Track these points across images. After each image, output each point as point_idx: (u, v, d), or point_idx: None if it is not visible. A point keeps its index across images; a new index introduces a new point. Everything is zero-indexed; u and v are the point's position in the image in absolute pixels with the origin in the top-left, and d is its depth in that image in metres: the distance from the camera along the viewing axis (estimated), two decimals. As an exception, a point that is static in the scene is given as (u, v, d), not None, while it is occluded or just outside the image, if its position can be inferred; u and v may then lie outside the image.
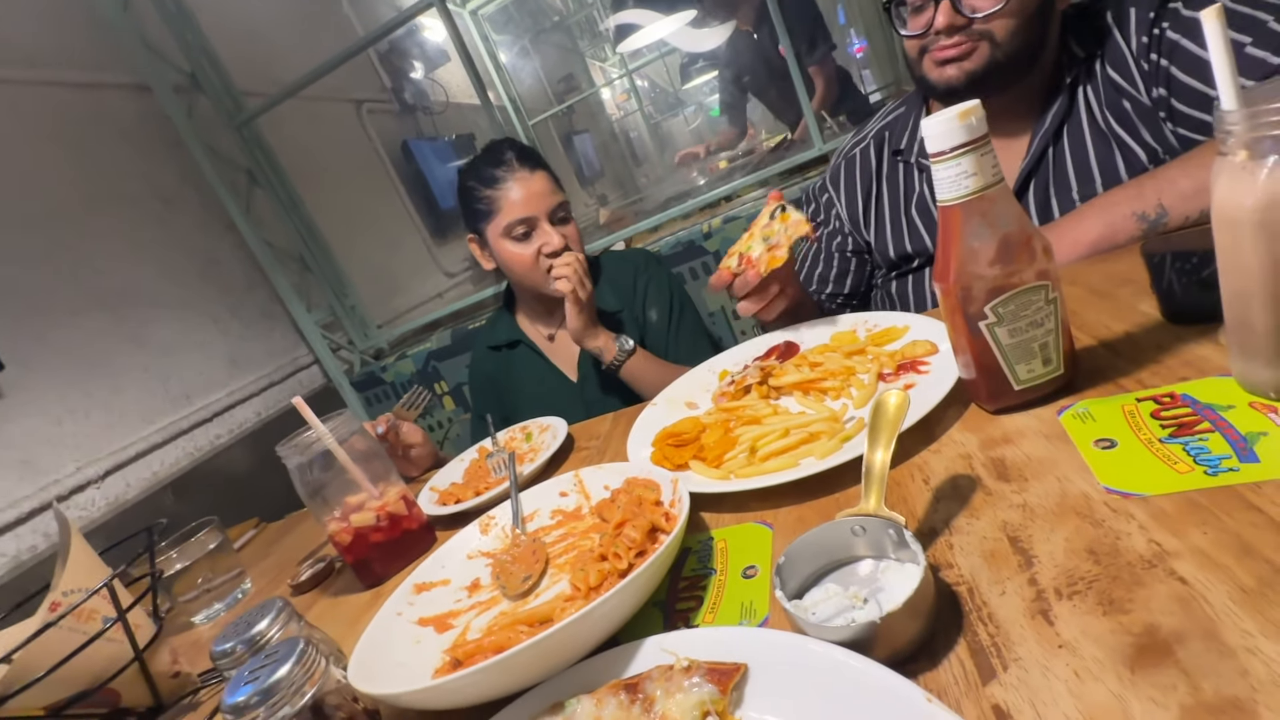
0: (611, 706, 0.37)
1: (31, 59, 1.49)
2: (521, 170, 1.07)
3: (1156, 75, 0.76)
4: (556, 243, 1.06)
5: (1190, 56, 0.73)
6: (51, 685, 0.54)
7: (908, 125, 0.97)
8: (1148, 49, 0.76)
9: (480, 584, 0.60)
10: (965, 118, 0.45)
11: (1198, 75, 0.73)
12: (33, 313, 1.34)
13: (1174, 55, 0.74)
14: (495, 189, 1.06)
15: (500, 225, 1.07)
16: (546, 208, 1.07)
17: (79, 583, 0.59)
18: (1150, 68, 0.76)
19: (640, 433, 0.74)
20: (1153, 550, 0.34)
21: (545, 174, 1.09)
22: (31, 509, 1.21)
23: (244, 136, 1.91)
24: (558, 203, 1.08)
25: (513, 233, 1.07)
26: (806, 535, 0.42)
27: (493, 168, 1.07)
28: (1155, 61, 0.76)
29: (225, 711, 0.42)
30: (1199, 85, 0.73)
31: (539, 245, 1.07)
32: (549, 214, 1.07)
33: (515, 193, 1.05)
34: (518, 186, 1.06)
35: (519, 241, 1.07)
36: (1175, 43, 0.74)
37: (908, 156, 0.96)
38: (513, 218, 1.06)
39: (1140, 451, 0.41)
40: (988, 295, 0.49)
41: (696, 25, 2.58)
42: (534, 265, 1.07)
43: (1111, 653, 0.30)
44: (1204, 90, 0.72)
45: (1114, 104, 0.80)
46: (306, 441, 0.70)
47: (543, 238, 1.07)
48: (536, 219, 1.06)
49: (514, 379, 1.22)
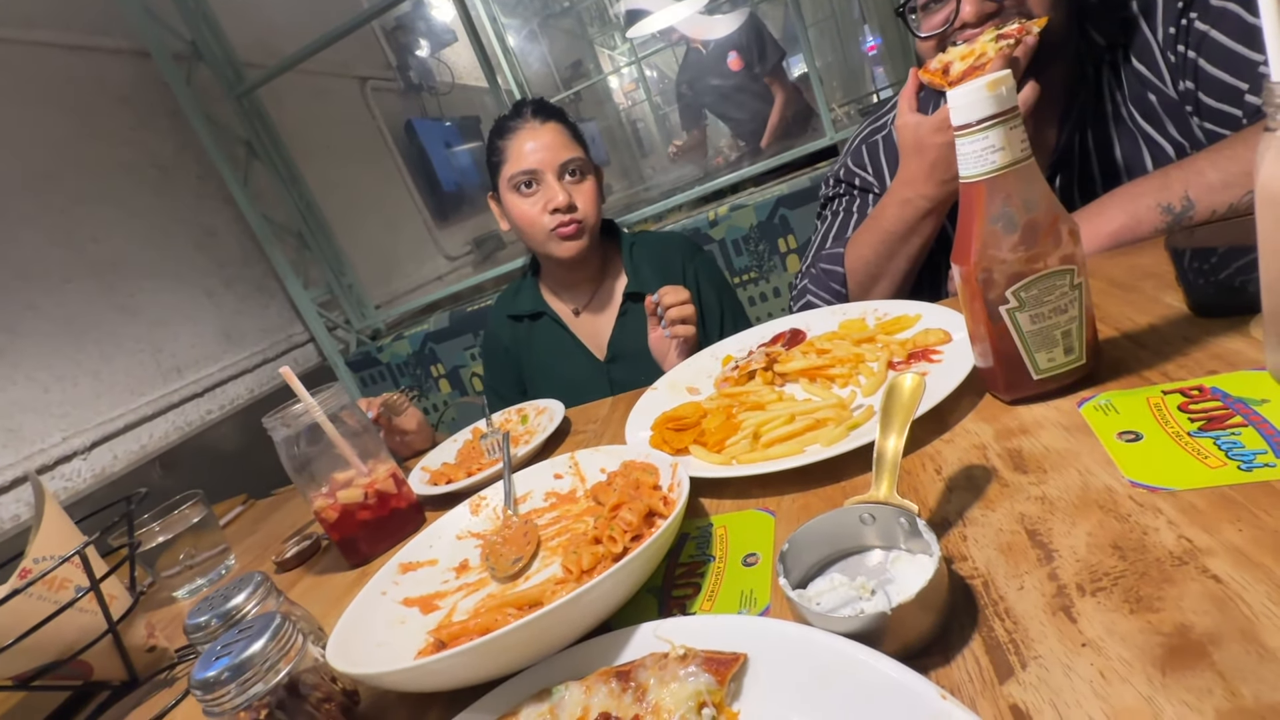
0: (601, 694, 0.35)
1: (28, 19, 1.46)
2: (533, 121, 1.03)
3: (1184, 68, 0.73)
4: (560, 200, 1.00)
5: (1219, 48, 0.70)
6: (19, 654, 0.52)
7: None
8: (1175, 40, 0.74)
9: (469, 565, 0.58)
10: (994, 88, 0.43)
11: (1226, 68, 0.70)
12: (22, 278, 1.32)
13: (1202, 47, 0.71)
14: (505, 139, 1.04)
15: (506, 176, 1.03)
16: (554, 160, 1.01)
17: (51, 550, 0.56)
18: (1177, 60, 0.74)
19: (639, 416, 0.72)
20: (1183, 547, 0.32)
21: (558, 125, 1.04)
22: (15, 478, 1.19)
23: (244, 107, 1.88)
24: (569, 157, 1.02)
25: (516, 184, 1.02)
26: (812, 522, 0.40)
27: (509, 119, 1.05)
28: (1183, 54, 0.73)
29: (194, 687, 0.40)
30: (1228, 78, 0.70)
31: (545, 200, 1.02)
32: (558, 167, 1.02)
33: (522, 143, 1.02)
34: (525, 136, 1.02)
35: (522, 195, 1.03)
36: (1204, 34, 0.71)
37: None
38: (517, 168, 1.01)
39: (1168, 445, 0.39)
40: (1010, 279, 0.46)
41: (708, 12, 2.54)
42: (536, 220, 1.02)
43: (1140, 653, 0.28)
44: (1233, 84, 0.70)
45: (1140, 98, 0.78)
46: (294, 414, 0.68)
47: (548, 193, 1.01)
48: (540, 171, 1.01)
49: (534, 352, 1.17)
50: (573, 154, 1.03)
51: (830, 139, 1.64)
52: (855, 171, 1.03)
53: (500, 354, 1.21)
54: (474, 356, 1.79)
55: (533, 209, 1.02)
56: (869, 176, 1.01)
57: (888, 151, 0.98)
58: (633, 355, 1.10)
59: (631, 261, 1.12)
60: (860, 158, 1.02)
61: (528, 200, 1.03)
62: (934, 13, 0.77)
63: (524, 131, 1.02)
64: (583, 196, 1.04)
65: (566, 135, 1.04)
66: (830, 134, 1.64)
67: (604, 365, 1.13)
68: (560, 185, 1.02)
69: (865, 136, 1.03)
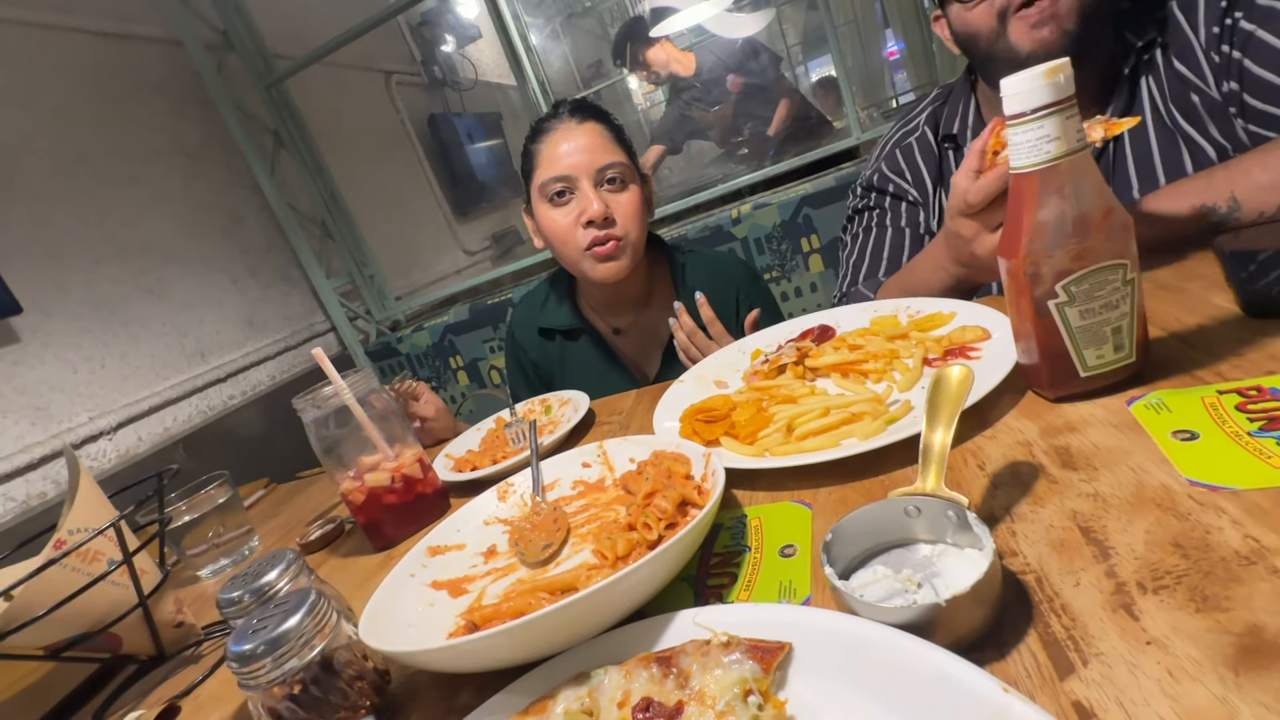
0: (642, 679, 0.34)
1: (66, 4, 1.48)
2: (569, 121, 0.91)
3: (1228, 68, 0.71)
4: (595, 211, 0.88)
5: (1266, 48, 0.68)
6: (51, 625, 0.53)
7: (958, 111, 0.93)
8: (1219, 40, 0.72)
9: (497, 550, 0.58)
10: (1053, 75, 0.42)
11: (1275, 68, 0.68)
12: (54, 259, 1.34)
13: (1248, 47, 0.69)
14: (539, 142, 0.93)
15: (538, 184, 0.92)
16: (591, 165, 0.89)
17: (85, 522, 0.57)
18: (1222, 60, 0.72)
19: (666, 409, 0.72)
20: (1250, 546, 0.31)
21: (598, 125, 0.92)
22: (43, 455, 1.21)
23: (272, 97, 1.89)
24: (607, 162, 0.90)
25: (549, 194, 0.91)
26: (855, 513, 0.39)
27: (544, 120, 0.94)
28: (1227, 54, 0.71)
29: (230, 660, 0.40)
30: (1275, 78, 0.68)
31: (579, 211, 0.90)
32: (595, 173, 0.89)
33: (556, 145, 0.90)
34: (560, 137, 0.90)
35: (554, 205, 0.91)
36: (1250, 33, 0.69)
37: (964, 141, 0.91)
38: (548, 174, 0.90)
39: (1227, 444, 0.38)
40: (1059, 274, 0.45)
41: (734, 10, 2.54)
42: (569, 235, 0.90)
43: (1210, 652, 0.27)
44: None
45: (1181, 98, 0.76)
46: (324, 396, 0.68)
47: (582, 202, 0.89)
48: (575, 177, 0.89)
49: (569, 369, 1.05)
50: (613, 158, 0.91)
51: (855, 139, 1.63)
52: (890, 177, 0.99)
53: (528, 367, 1.09)
54: (493, 349, 1.80)
55: (565, 221, 0.90)
56: (904, 183, 0.98)
57: (924, 154, 0.96)
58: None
59: (683, 283, 1.01)
60: (895, 163, 0.99)
61: (560, 211, 0.91)
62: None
63: (559, 132, 0.91)
64: (623, 209, 0.91)
65: (607, 138, 0.92)
66: (856, 134, 1.63)
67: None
68: (597, 194, 0.89)
69: (897, 140, 1.00)
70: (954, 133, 0.92)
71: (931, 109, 0.98)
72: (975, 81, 0.92)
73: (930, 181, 0.96)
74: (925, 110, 0.99)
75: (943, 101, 0.96)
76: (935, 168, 0.95)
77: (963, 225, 0.66)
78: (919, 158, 0.96)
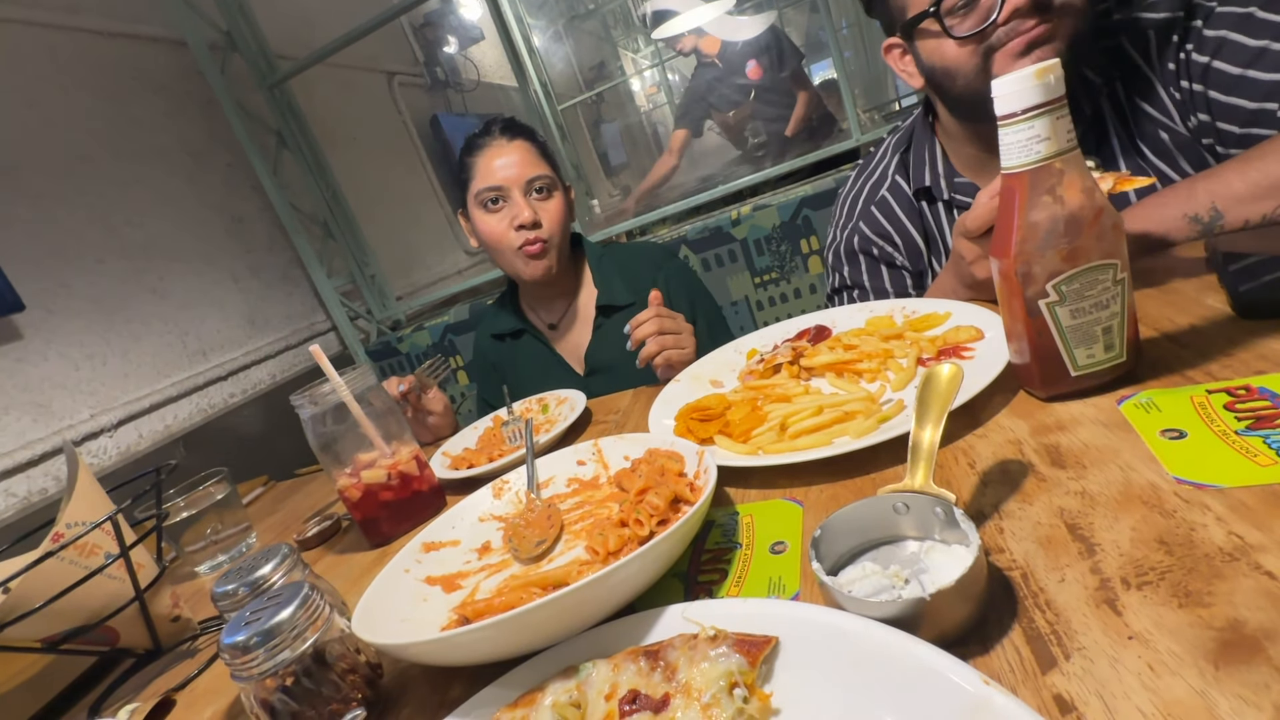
0: (629, 672, 0.35)
1: (72, 4, 1.49)
2: (500, 139, 1.05)
3: (1193, 102, 0.71)
4: (525, 216, 1.02)
5: (1226, 76, 0.68)
6: (49, 617, 0.53)
7: (924, 160, 0.88)
8: (1176, 76, 0.71)
9: (491, 547, 0.58)
10: (1042, 76, 0.42)
11: (1240, 92, 0.67)
12: (56, 257, 1.35)
13: (1207, 78, 0.69)
14: (474, 155, 1.05)
15: (474, 192, 1.04)
16: (521, 177, 1.03)
17: (83, 516, 0.57)
18: (1184, 96, 0.71)
19: (662, 407, 0.72)
20: (1234, 543, 0.31)
21: (526, 143, 1.06)
22: (44, 452, 1.22)
23: (275, 98, 1.90)
24: (534, 174, 1.04)
25: (483, 201, 1.04)
26: (844, 510, 0.39)
27: (478, 137, 1.07)
28: (1188, 89, 0.71)
29: (224, 651, 0.40)
30: (1244, 102, 0.67)
31: (511, 216, 1.03)
32: (524, 184, 1.03)
33: (490, 160, 1.03)
34: (492, 153, 1.04)
35: (488, 211, 1.04)
36: (1206, 65, 0.69)
37: (939, 194, 0.87)
38: (483, 185, 1.03)
39: (1214, 443, 0.38)
40: (1050, 273, 0.45)
41: (735, 12, 2.54)
42: (503, 237, 1.03)
43: (1191, 647, 0.27)
44: (1255, 107, 0.67)
45: (1150, 135, 0.75)
46: (322, 393, 0.69)
47: (513, 210, 1.03)
48: (506, 188, 1.02)
49: (518, 368, 1.18)
50: (539, 171, 1.04)
51: (856, 140, 1.63)
52: (873, 240, 0.94)
53: (488, 370, 1.23)
54: (492, 350, 1.80)
55: (499, 225, 1.03)
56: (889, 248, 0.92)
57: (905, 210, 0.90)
58: (610, 368, 1.09)
59: (600, 274, 1.13)
60: (876, 223, 0.93)
61: (494, 216, 1.04)
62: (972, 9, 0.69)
63: (492, 149, 1.04)
64: (548, 214, 1.04)
65: (534, 153, 1.05)
66: (856, 136, 1.63)
67: (583, 379, 1.13)
68: (526, 202, 1.03)
69: (868, 196, 0.94)
70: (927, 185, 0.88)
71: (899, 156, 0.93)
72: (934, 124, 0.88)
73: (921, 242, 0.91)
74: (890, 158, 0.94)
75: (906, 148, 0.92)
76: (919, 222, 0.91)
77: (964, 248, 0.66)
78: (901, 214, 0.92)
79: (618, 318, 1.09)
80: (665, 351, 0.85)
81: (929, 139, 0.88)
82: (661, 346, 0.85)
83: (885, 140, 0.97)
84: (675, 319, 0.88)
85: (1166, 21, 0.72)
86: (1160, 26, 0.72)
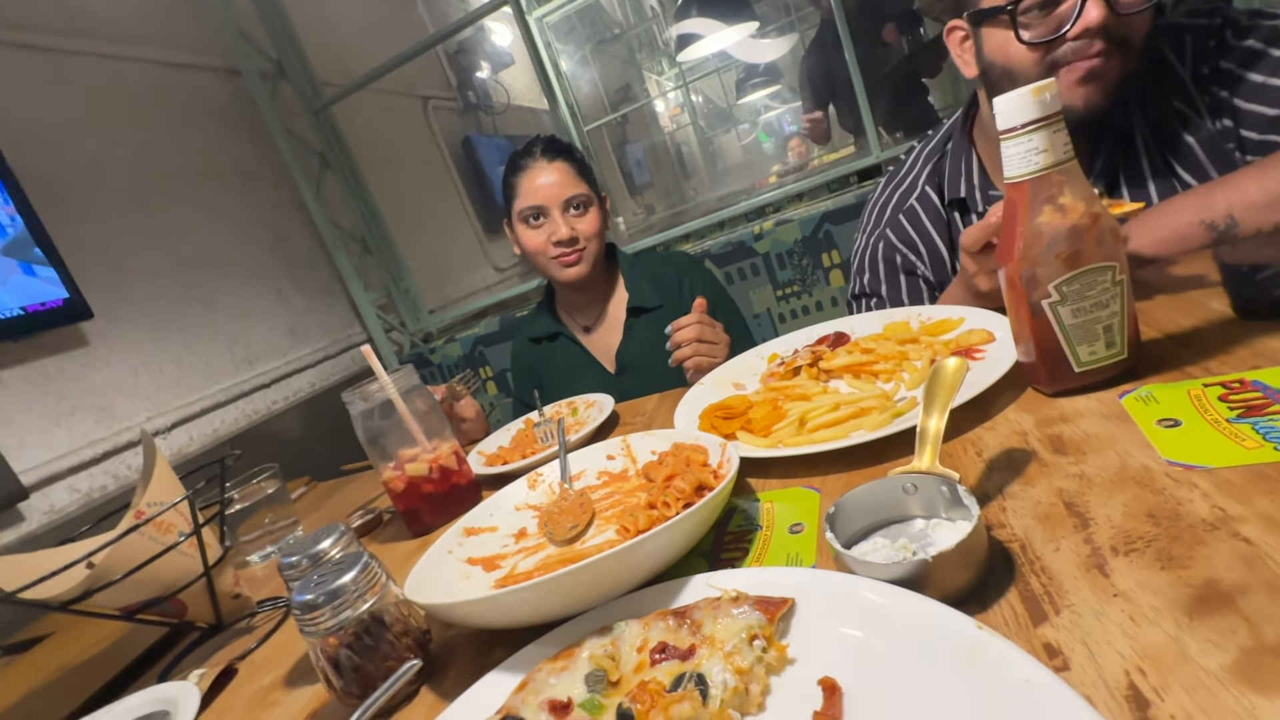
0: (659, 629, 0.38)
1: (139, 38, 1.62)
2: (541, 160, 1.13)
3: (1219, 107, 0.74)
4: (563, 233, 1.11)
5: (1252, 84, 0.71)
6: (128, 587, 0.58)
7: (960, 170, 0.88)
8: (1208, 81, 0.74)
9: (527, 532, 0.63)
10: (1039, 94, 0.46)
11: (1263, 99, 0.70)
12: (119, 270, 1.44)
13: (1235, 86, 0.72)
14: (517, 176, 1.14)
15: (517, 210, 1.14)
16: (559, 197, 1.11)
17: (160, 497, 0.63)
18: (1212, 100, 0.74)
19: (687, 408, 0.76)
20: (1216, 515, 0.34)
21: (565, 164, 1.14)
22: (105, 451, 1.30)
23: (319, 122, 2.01)
24: (573, 194, 1.12)
25: (525, 217, 1.13)
26: (857, 490, 0.43)
27: (521, 157, 1.15)
28: (1215, 94, 0.74)
29: (295, 609, 0.45)
30: (1267, 110, 0.70)
31: (549, 232, 1.12)
32: (562, 203, 1.11)
33: (532, 180, 1.12)
34: (535, 173, 1.12)
35: (531, 226, 1.13)
36: (1230, 72, 0.72)
37: (973, 207, 0.87)
38: (525, 204, 1.12)
39: (1206, 430, 0.41)
40: (1053, 275, 0.49)
41: (757, 36, 2.61)
42: (541, 250, 1.13)
43: (1170, 602, 0.30)
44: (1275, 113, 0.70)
45: (1174, 138, 0.77)
46: (371, 390, 0.74)
47: (552, 226, 1.12)
48: (546, 207, 1.11)
49: (553, 369, 1.26)
50: (577, 190, 1.13)
51: (876, 157, 1.67)
52: (898, 248, 0.94)
53: (525, 371, 1.32)
54: (521, 361, 1.86)
55: (539, 239, 1.13)
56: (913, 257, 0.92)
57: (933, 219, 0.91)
58: (640, 367, 1.17)
59: (631, 279, 1.22)
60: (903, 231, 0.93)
61: (535, 231, 1.13)
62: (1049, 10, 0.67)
63: (533, 170, 1.12)
64: (585, 228, 1.14)
65: (572, 173, 1.14)
66: (876, 153, 1.67)
67: (614, 378, 1.20)
68: (564, 219, 1.12)
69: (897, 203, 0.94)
70: (961, 196, 0.88)
71: (931, 165, 0.93)
72: (972, 130, 0.89)
73: (947, 252, 0.91)
74: (922, 167, 0.94)
75: (940, 156, 0.92)
76: (945, 233, 0.90)
77: (967, 262, 0.69)
78: (928, 224, 0.92)
79: (646, 319, 1.18)
80: (698, 357, 0.90)
81: (966, 149, 0.88)
82: (696, 353, 0.90)
83: (915, 148, 0.97)
84: (715, 328, 0.93)
85: (1205, 28, 0.74)
86: (1198, 31, 0.74)
